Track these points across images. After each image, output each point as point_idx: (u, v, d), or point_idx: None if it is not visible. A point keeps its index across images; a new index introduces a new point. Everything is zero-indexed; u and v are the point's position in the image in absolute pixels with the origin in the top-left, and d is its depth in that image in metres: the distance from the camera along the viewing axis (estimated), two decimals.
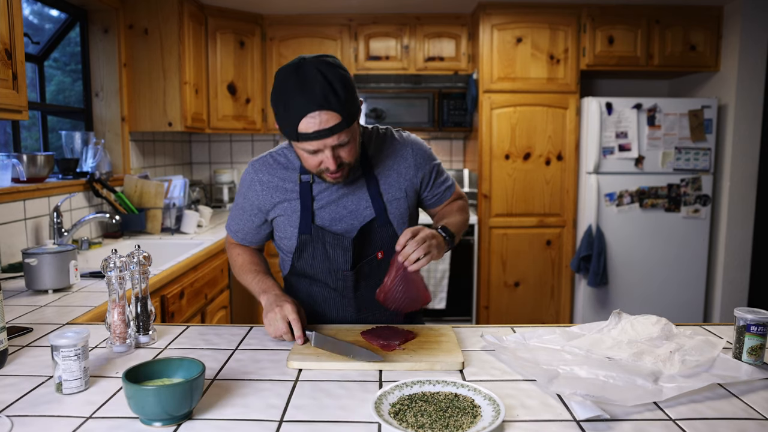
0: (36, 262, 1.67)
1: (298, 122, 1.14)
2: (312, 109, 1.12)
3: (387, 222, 1.37)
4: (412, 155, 1.40)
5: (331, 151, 1.18)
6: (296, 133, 1.16)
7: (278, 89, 1.17)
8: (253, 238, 1.48)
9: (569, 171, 3.63)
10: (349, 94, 1.16)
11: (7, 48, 1.70)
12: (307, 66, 1.15)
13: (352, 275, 1.37)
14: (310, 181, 1.34)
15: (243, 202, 1.42)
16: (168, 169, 3.75)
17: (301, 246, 1.38)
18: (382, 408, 0.90)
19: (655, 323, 1.22)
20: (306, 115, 1.13)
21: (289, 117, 1.15)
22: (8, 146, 2.51)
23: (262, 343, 1.25)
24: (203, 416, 0.90)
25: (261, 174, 1.37)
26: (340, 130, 1.16)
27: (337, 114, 1.14)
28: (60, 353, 0.97)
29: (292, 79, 1.15)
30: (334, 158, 1.19)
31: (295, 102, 1.13)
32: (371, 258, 1.37)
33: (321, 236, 1.35)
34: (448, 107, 3.73)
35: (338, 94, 1.14)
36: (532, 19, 3.52)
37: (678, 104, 3.50)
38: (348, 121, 1.16)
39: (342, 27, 3.75)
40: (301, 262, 1.41)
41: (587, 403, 0.91)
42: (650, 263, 3.59)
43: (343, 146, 1.20)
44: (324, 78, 1.13)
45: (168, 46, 3.14)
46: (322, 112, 1.13)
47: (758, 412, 0.92)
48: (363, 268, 1.38)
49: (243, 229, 1.46)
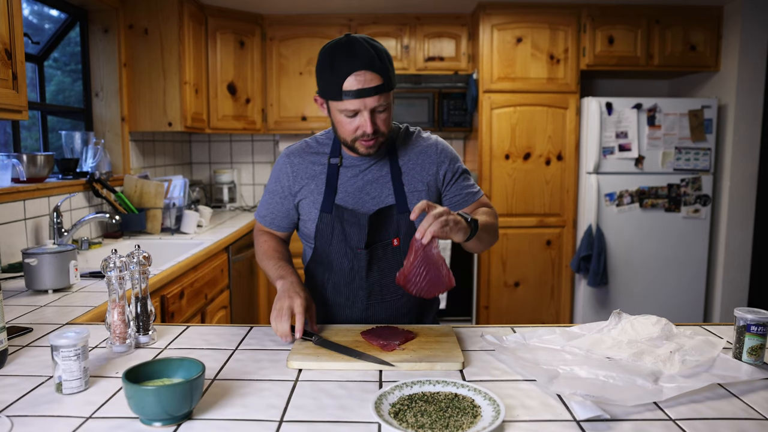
0: (36, 262, 1.67)
1: (344, 80, 1.23)
2: (358, 68, 1.22)
3: (406, 210, 1.40)
4: (436, 152, 1.45)
5: (369, 113, 1.27)
6: (340, 91, 1.24)
7: (326, 54, 1.27)
8: (281, 222, 1.50)
9: (569, 171, 3.63)
10: (390, 65, 1.28)
11: (7, 48, 1.70)
12: (354, 37, 1.27)
13: (366, 255, 1.39)
14: (338, 164, 1.41)
15: (274, 187, 1.47)
16: (168, 169, 3.75)
17: (321, 225, 1.41)
18: (382, 408, 0.90)
19: (655, 323, 1.22)
20: (352, 73, 1.23)
21: (335, 76, 1.24)
22: (8, 146, 2.51)
23: (262, 343, 1.25)
24: (203, 416, 0.90)
25: (293, 157, 1.45)
26: (381, 92, 1.25)
27: (379, 76, 1.24)
28: (60, 353, 0.97)
29: (340, 46, 1.26)
30: (372, 122, 1.27)
31: (342, 62, 1.23)
32: (387, 242, 1.40)
33: (340, 214, 1.39)
34: (448, 107, 3.73)
35: (382, 60, 1.25)
36: (532, 19, 3.52)
37: (678, 104, 3.50)
38: (388, 86, 1.26)
39: (342, 27, 3.75)
40: (320, 242, 1.43)
41: (587, 403, 0.91)
42: (650, 263, 3.59)
43: (380, 112, 1.29)
44: (370, 46, 1.25)
45: (168, 46, 3.14)
46: (367, 72, 1.23)
47: (758, 412, 0.92)
48: (377, 250, 1.40)
49: (272, 213, 1.49)
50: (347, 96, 1.24)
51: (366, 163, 1.42)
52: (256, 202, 4.26)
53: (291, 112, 3.83)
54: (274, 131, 3.87)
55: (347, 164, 1.42)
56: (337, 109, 1.29)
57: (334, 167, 1.41)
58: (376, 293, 1.43)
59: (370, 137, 1.30)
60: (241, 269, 3.19)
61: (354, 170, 1.41)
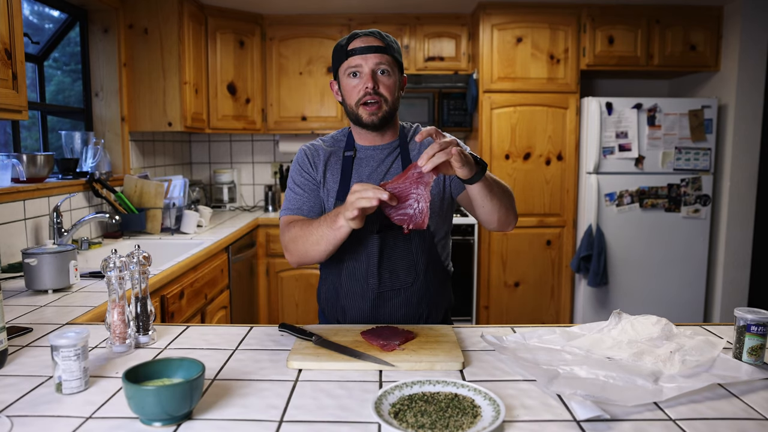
0: (36, 262, 1.67)
1: (350, 43, 1.39)
2: (365, 35, 1.40)
3: None
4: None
5: (369, 71, 1.37)
6: (346, 52, 1.39)
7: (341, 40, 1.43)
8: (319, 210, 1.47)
9: (569, 171, 3.63)
10: (396, 45, 1.43)
11: (7, 48, 1.70)
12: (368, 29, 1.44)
13: (378, 240, 1.41)
14: (353, 156, 1.48)
15: (301, 179, 1.49)
16: (168, 169, 3.75)
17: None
18: (382, 408, 0.89)
19: (655, 323, 1.22)
20: (357, 37, 1.40)
21: (344, 45, 1.40)
22: (8, 146, 2.51)
23: (262, 343, 1.25)
24: (203, 416, 0.90)
25: (311, 150, 1.52)
26: (383, 52, 1.38)
27: (382, 43, 1.39)
28: (60, 353, 0.97)
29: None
30: (373, 80, 1.37)
31: (353, 34, 1.41)
32: (398, 229, 1.41)
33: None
34: (448, 107, 3.73)
35: (387, 37, 1.41)
36: (532, 19, 3.52)
37: (678, 104, 3.50)
38: (389, 50, 1.39)
39: (342, 27, 3.75)
40: None
41: (587, 403, 0.91)
42: (650, 263, 3.59)
43: (382, 74, 1.39)
44: (379, 31, 1.42)
45: (168, 46, 3.14)
46: (371, 37, 1.39)
47: (758, 412, 0.92)
48: (389, 237, 1.42)
49: (309, 202, 1.46)
50: (351, 54, 1.38)
51: (379, 155, 1.47)
52: (256, 202, 4.26)
53: (291, 112, 3.83)
54: (274, 131, 3.87)
55: (361, 156, 1.48)
56: (344, 73, 1.41)
57: (349, 159, 1.48)
58: (386, 281, 1.43)
59: (372, 99, 1.37)
60: (241, 269, 3.19)
61: (367, 162, 1.47)
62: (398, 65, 1.42)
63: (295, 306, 3.65)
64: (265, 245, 3.58)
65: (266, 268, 3.59)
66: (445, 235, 1.52)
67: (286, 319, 3.66)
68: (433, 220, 1.45)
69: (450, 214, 1.54)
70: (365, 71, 1.37)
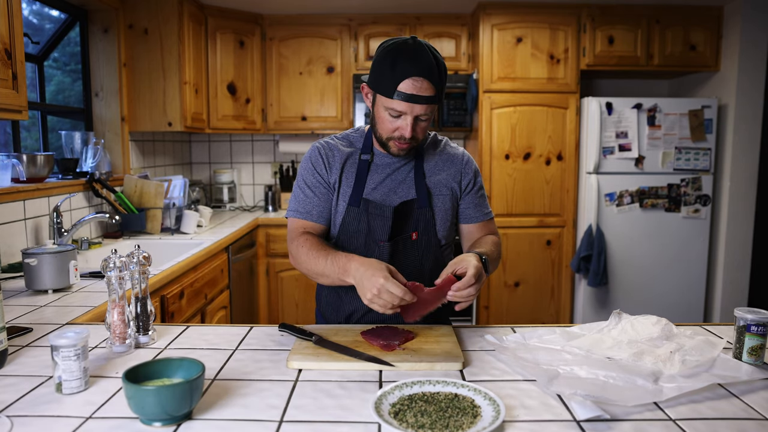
0: (36, 262, 1.67)
1: (401, 81, 1.27)
2: (418, 74, 1.26)
3: (427, 205, 1.43)
4: (462, 162, 1.51)
5: (413, 119, 1.31)
6: (394, 90, 1.28)
7: (389, 50, 1.30)
8: (328, 214, 1.45)
9: (569, 171, 3.63)
10: (445, 78, 1.32)
11: (7, 48, 1.70)
12: (421, 43, 1.30)
13: (388, 248, 1.41)
14: (369, 160, 1.44)
15: (312, 179, 1.44)
16: (168, 169, 3.75)
17: (348, 218, 1.42)
18: (382, 408, 0.89)
19: (655, 323, 1.22)
20: (411, 76, 1.26)
21: (394, 75, 1.27)
22: (8, 146, 2.51)
23: (262, 343, 1.25)
24: (203, 416, 0.90)
25: (326, 150, 1.46)
26: (430, 103, 1.30)
27: (434, 88, 1.29)
28: (60, 353, 0.97)
29: (407, 46, 1.28)
30: (412, 128, 1.32)
31: (405, 64, 1.26)
32: (407, 236, 1.43)
33: (366, 207, 1.41)
34: (448, 107, 3.73)
35: (441, 73, 1.29)
36: (532, 19, 3.52)
37: (678, 104, 3.50)
38: (437, 99, 1.31)
39: (342, 27, 3.75)
40: (343, 235, 1.43)
41: (587, 403, 0.91)
42: (650, 263, 3.58)
43: (422, 120, 1.33)
44: (434, 56, 1.29)
45: (168, 46, 3.14)
46: (424, 80, 1.27)
47: (758, 412, 0.92)
48: (398, 244, 1.43)
49: (319, 206, 1.43)
50: (398, 97, 1.28)
51: (395, 164, 1.46)
52: (256, 202, 4.26)
53: (291, 112, 3.83)
54: (274, 131, 3.87)
55: (378, 162, 1.45)
56: (383, 105, 1.33)
57: (365, 163, 1.44)
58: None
59: (405, 141, 1.34)
60: (241, 269, 3.19)
61: (383, 169, 1.45)
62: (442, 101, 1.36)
63: (295, 306, 3.65)
64: (265, 245, 3.58)
65: (266, 268, 3.59)
66: (451, 242, 1.54)
67: (286, 319, 3.66)
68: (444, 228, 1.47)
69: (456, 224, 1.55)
70: (408, 119, 1.31)
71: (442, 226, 1.46)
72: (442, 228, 1.46)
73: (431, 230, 1.44)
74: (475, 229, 1.53)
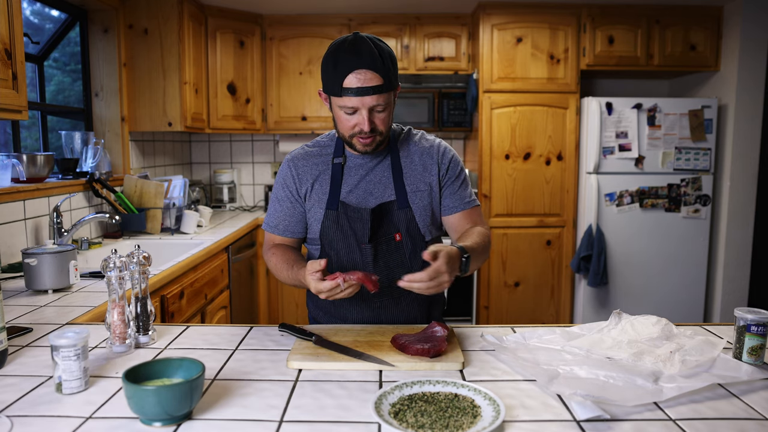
0: (36, 262, 1.67)
1: (344, 77, 1.26)
2: (359, 66, 1.25)
3: (406, 206, 1.42)
4: (438, 153, 1.47)
5: (367, 112, 1.29)
6: (340, 88, 1.27)
7: (331, 51, 1.30)
8: (295, 227, 1.49)
9: (569, 171, 3.63)
10: (393, 66, 1.30)
11: (7, 48, 1.70)
12: (361, 36, 1.29)
13: (371, 249, 1.41)
14: (342, 163, 1.44)
15: (281, 193, 1.47)
16: (168, 169, 3.75)
17: (327, 222, 1.42)
18: (382, 408, 0.90)
19: (655, 323, 1.22)
20: (352, 71, 1.25)
21: (337, 73, 1.27)
22: (8, 146, 2.51)
23: (262, 343, 1.25)
24: (203, 416, 0.90)
25: (296, 161, 1.47)
26: (380, 92, 1.27)
27: (379, 76, 1.26)
28: (60, 353, 0.97)
29: (346, 43, 1.28)
30: (369, 121, 1.30)
31: (345, 59, 1.26)
32: (389, 237, 1.42)
33: (344, 211, 1.41)
34: (448, 107, 3.73)
35: (384, 60, 1.27)
36: (532, 19, 3.52)
37: (678, 104, 3.50)
38: (387, 87, 1.28)
39: (342, 27, 3.75)
40: (326, 240, 1.44)
41: (587, 403, 0.91)
42: (650, 263, 3.58)
43: (379, 111, 1.31)
44: (375, 45, 1.27)
45: (168, 46, 3.14)
46: (368, 71, 1.25)
47: (758, 412, 0.92)
48: (381, 245, 1.42)
49: (285, 219, 1.48)
50: (346, 93, 1.27)
51: (369, 164, 1.44)
52: (256, 202, 4.26)
53: (291, 112, 3.83)
54: (274, 131, 3.87)
55: (351, 164, 1.44)
56: (337, 105, 1.32)
57: (338, 166, 1.43)
58: (384, 288, 1.43)
59: (367, 135, 1.32)
60: (241, 269, 3.19)
61: (357, 170, 1.44)
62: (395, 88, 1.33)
63: (295, 306, 3.65)
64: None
65: (266, 268, 3.59)
66: (436, 237, 1.51)
67: (286, 319, 3.66)
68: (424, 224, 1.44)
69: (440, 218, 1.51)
70: (363, 113, 1.29)
71: (424, 224, 1.44)
72: (424, 226, 1.44)
73: (414, 230, 1.43)
74: (459, 219, 1.47)
